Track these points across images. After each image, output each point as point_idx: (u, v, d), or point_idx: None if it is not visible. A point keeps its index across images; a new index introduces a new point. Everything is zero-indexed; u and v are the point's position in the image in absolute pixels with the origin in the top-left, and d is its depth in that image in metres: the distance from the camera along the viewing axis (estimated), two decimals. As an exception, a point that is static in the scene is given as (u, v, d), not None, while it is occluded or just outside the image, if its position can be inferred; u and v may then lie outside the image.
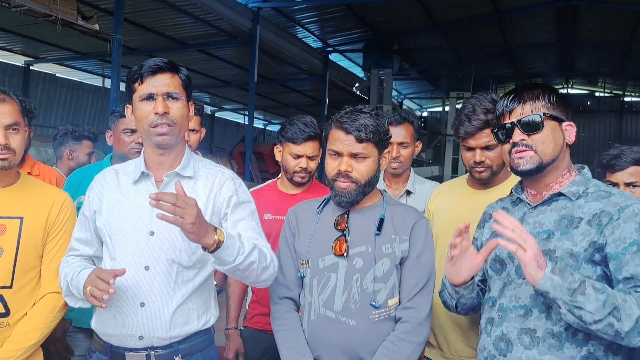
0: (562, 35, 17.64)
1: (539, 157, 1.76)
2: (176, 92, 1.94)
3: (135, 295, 1.93)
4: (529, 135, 1.77)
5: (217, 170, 2.07)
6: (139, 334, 1.92)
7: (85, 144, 4.16)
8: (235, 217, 1.99)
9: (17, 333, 2.03)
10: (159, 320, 1.92)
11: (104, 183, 2.07)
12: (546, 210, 1.79)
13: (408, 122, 3.02)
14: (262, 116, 25.44)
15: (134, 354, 1.94)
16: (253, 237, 1.93)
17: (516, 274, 1.79)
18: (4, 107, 1.99)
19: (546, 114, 1.77)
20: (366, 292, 1.97)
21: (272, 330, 2.10)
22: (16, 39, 13.57)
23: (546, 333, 1.70)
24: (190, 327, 1.97)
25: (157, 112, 1.90)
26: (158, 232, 1.94)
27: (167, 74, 1.94)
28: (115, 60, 9.21)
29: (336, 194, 2.03)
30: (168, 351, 1.94)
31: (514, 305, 1.77)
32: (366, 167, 2.00)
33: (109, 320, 1.96)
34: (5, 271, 2.02)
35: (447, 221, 2.43)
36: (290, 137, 2.72)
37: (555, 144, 1.77)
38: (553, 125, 1.78)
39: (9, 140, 1.99)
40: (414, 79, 22.03)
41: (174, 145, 1.99)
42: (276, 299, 2.12)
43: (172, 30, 13.32)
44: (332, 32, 16.52)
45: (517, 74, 22.74)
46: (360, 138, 1.96)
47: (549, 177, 1.81)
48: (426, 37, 17.10)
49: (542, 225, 1.77)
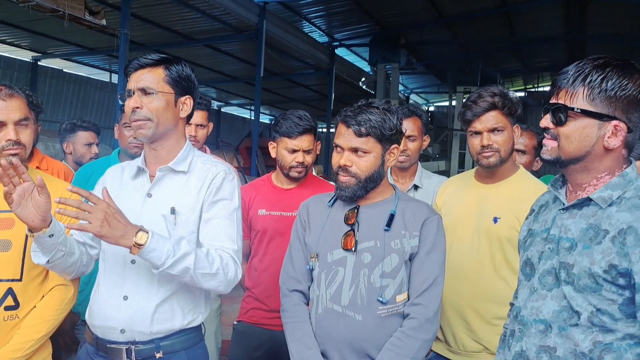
0: (570, 28, 17.50)
1: (559, 151, 1.56)
2: (151, 87, 1.94)
3: (120, 288, 1.94)
4: (555, 125, 1.57)
5: (211, 165, 2.05)
6: (120, 327, 1.92)
7: (81, 135, 4.09)
8: (209, 214, 1.97)
9: (26, 325, 2.04)
10: (141, 315, 1.91)
11: (110, 179, 2.10)
12: (576, 214, 1.56)
13: (416, 116, 3.02)
14: (269, 111, 25.43)
15: (115, 347, 1.94)
16: (216, 239, 1.93)
17: (540, 283, 1.60)
18: (12, 102, 2.00)
19: (579, 109, 1.51)
20: (374, 288, 1.96)
21: (282, 322, 2.10)
22: (24, 34, 13.63)
23: (567, 353, 1.50)
24: (174, 324, 1.95)
25: (130, 107, 1.93)
26: (147, 226, 1.90)
27: (146, 69, 1.96)
28: (123, 55, 9.22)
29: (337, 188, 2.04)
30: (149, 347, 1.93)
31: (534, 319, 1.59)
32: (366, 162, 1.98)
33: (95, 312, 1.98)
34: (15, 264, 2.03)
35: (454, 215, 2.43)
36: (285, 131, 2.68)
37: (581, 143, 1.52)
38: (586, 123, 1.51)
39: (19, 135, 2.01)
40: (421, 74, 21.93)
41: (161, 139, 1.99)
42: (286, 291, 2.13)
43: (178, 25, 13.32)
44: (339, 26, 16.47)
45: (525, 68, 22.59)
46: (359, 132, 1.95)
47: (579, 177, 1.58)
48: (433, 31, 17.01)
49: (567, 231, 1.55)
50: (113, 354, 1.94)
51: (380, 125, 1.95)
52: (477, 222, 2.37)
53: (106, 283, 1.97)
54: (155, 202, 1.97)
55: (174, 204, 1.95)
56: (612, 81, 1.48)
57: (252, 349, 2.69)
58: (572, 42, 19.05)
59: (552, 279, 1.57)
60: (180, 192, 1.98)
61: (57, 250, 1.87)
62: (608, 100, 1.49)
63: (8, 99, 1.99)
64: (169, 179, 2.00)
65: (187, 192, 1.98)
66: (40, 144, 3.40)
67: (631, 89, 1.48)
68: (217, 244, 1.94)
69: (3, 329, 2.00)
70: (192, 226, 1.97)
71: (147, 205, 1.97)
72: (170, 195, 1.98)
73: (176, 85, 1.98)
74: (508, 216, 2.28)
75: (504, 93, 2.32)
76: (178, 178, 2.00)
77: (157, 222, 1.93)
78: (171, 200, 1.96)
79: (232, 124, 24.42)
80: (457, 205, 2.49)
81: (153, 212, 1.95)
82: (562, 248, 1.55)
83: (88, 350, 2.03)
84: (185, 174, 2.01)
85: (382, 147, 2.00)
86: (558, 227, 1.59)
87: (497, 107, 2.31)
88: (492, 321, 2.31)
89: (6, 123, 1.99)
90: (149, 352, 1.93)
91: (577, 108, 1.51)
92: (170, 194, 1.98)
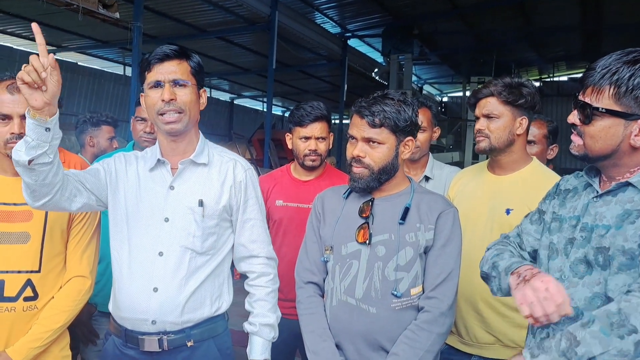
0: (586, 18, 17.29)
1: (585, 149, 1.55)
2: (183, 79, 1.94)
3: (149, 280, 1.95)
4: (582, 123, 1.54)
5: (230, 158, 2.09)
6: (151, 319, 1.95)
7: (105, 129, 4.18)
8: (245, 216, 2.06)
9: (45, 316, 2.07)
10: (172, 306, 1.94)
11: (126, 164, 2.07)
12: (611, 201, 1.54)
13: (425, 107, 3.01)
14: (281, 103, 25.44)
15: (146, 338, 1.96)
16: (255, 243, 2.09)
17: (571, 271, 1.58)
18: (20, 96, 2.00)
19: (604, 108, 1.48)
20: (388, 281, 1.96)
21: (297, 314, 2.12)
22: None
23: None
24: (203, 313, 2.00)
25: (164, 99, 1.90)
26: (172, 219, 1.97)
27: (175, 61, 1.94)
28: (136, 48, 9.27)
29: (351, 179, 2.04)
30: (180, 336, 1.97)
31: None
32: (380, 153, 1.98)
33: (123, 304, 1.99)
34: (33, 256, 2.06)
35: (467, 207, 2.42)
36: (297, 120, 2.74)
37: (606, 142, 1.51)
38: (611, 122, 1.49)
39: (24, 129, 2.01)
40: (434, 64, 21.78)
41: (186, 132, 2.00)
42: (301, 283, 2.14)
43: (191, 18, 13.36)
44: (351, 17, 16.38)
45: (540, 58, 22.36)
46: (373, 123, 1.95)
47: (611, 171, 1.57)
48: (447, 21, 16.87)
49: (602, 218, 1.53)
50: (144, 345, 1.96)
51: (395, 116, 1.94)
52: (490, 213, 2.37)
53: (133, 275, 1.98)
54: (178, 194, 1.99)
55: (200, 196, 1.98)
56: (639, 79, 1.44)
57: None
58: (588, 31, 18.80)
59: (584, 267, 1.56)
60: (204, 185, 2.00)
61: (43, 153, 1.68)
62: (635, 99, 1.45)
63: (17, 92, 2.00)
64: (190, 171, 2.02)
65: (211, 184, 2.01)
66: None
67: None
68: (257, 248, 2.10)
69: (22, 320, 2.04)
70: (217, 218, 2.01)
71: (171, 198, 1.98)
72: (194, 187, 1.99)
73: (197, 77, 1.99)
74: (521, 208, 2.27)
75: (510, 83, 2.32)
76: (199, 170, 2.02)
77: (182, 215, 1.96)
78: (196, 193, 1.98)
79: (244, 116, 24.45)
80: (469, 196, 2.48)
81: (178, 204, 1.97)
82: (597, 235, 1.52)
83: (115, 342, 2.05)
84: (206, 166, 2.03)
85: (396, 138, 1.99)
86: (591, 215, 1.57)
87: (494, 95, 2.32)
88: (504, 313, 2.30)
89: (12, 116, 2.01)
90: (180, 341, 1.97)
91: (602, 108, 1.48)
92: (194, 186, 2.00)
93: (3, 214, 2.04)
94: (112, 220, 2.05)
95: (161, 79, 1.92)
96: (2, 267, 2.01)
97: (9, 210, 2.03)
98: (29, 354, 2.02)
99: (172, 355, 1.99)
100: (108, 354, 2.07)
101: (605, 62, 1.51)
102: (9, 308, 2.01)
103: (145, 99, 1.98)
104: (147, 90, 1.95)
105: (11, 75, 2.05)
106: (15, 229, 2.04)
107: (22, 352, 2.01)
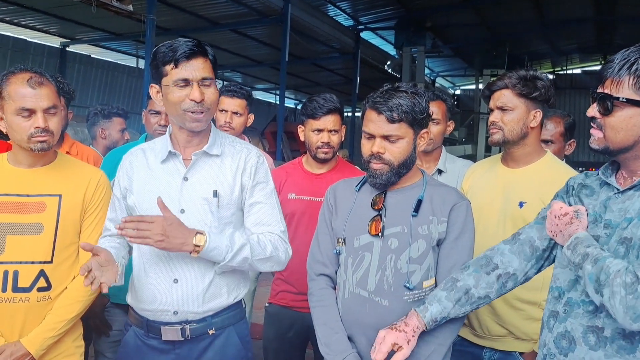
0: (600, 9, 17.10)
1: (606, 142, 1.55)
2: (210, 77, 1.95)
3: (170, 272, 1.97)
4: (602, 115, 1.55)
5: (242, 147, 2.09)
6: (173, 310, 1.97)
7: (116, 121, 4.21)
8: (252, 199, 2.05)
9: (59, 306, 2.09)
10: (192, 296, 1.97)
11: (133, 162, 2.11)
12: (634, 195, 1.54)
13: (440, 100, 2.99)
14: (294, 95, 25.43)
15: (169, 328, 1.99)
16: (263, 224, 2.04)
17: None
18: (42, 90, 2.03)
19: (625, 98, 1.49)
20: (400, 273, 1.95)
21: (309, 306, 2.12)
22: (53, 20, 13.81)
23: (616, 333, 1.50)
24: (221, 301, 2.02)
25: (194, 99, 1.90)
26: (188, 210, 1.97)
27: (201, 59, 1.93)
28: (149, 41, 9.30)
29: (370, 175, 2.01)
30: (202, 325, 1.99)
31: (583, 300, 1.58)
32: (399, 148, 1.96)
33: (144, 296, 2.02)
34: (46, 247, 2.08)
35: (480, 200, 2.41)
36: (310, 112, 2.74)
37: (628, 132, 1.51)
38: (632, 112, 1.49)
39: (48, 123, 2.04)
40: (447, 57, 21.67)
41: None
42: (313, 275, 2.14)
43: (204, 10, 13.37)
44: (364, 9, 16.33)
45: (553, 51, 22.17)
46: (392, 118, 1.92)
47: (632, 164, 1.57)
48: (460, 13, 16.76)
49: (627, 212, 1.52)
50: (167, 335, 1.99)
51: (412, 109, 1.92)
52: (503, 206, 2.35)
53: (154, 268, 2.00)
54: (192, 185, 1.99)
55: (214, 187, 1.99)
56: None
57: (283, 330, 2.78)
58: (601, 23, 18.61)
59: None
60: (218, 175, 2.01)
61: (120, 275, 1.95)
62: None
63: (38, 87, 2.02)
64: (203, 162, 2.02)
65: (224, 175, 2.02)
66: (69, 129, 3.46)
67: None
68: (265, 228, 2.04)
69: (36, 310, 2.06)
70: (233, 208, 2.02)
71: (185, 189, 1.99)
72: (208, 178, 2.00)
73: (215, 71, 2.00)
74: (534, 201, 2.25)
75: (524, 76, 2.30)
76: (212, 161, 2.03)
77: (198, 206, 1.97)
78: (210, 183, 1.99)
79: (257, 109, 24.41)
80: (483, 189, 2.47)
81: (192, 195, 1.98)
82: (621, 229, 1.52)
83: (136, 332, 2.07)
84: (219, 157, 2.04)
85: (414, 131, 1.97)
86: (614, 212, 1.57)
87: (509, 87, 2.31)
88: (517, 306, 2.29)
89: (35, 111, 2.02)
90: (201, 329, 2.00)
91: (623, 97, 1.49)
92: (207, 177, 2.00)
93: (17, 205, 2.06)
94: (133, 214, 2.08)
95: (190, 77, 1.91)
96: (16, 257, 2.03)
97: (23, 201, 2.05)
98: (43, 343, 2.04)
99: (194, 344, 2.01)
100: (129, 345, 2.09)
101: (623, 54, 1.52)
102: (23, 298, 2.03)
103: (168, 95, 1.95)
104: (171, 87, 1.93)
105: (25, 68, 2.07)
106: (29, 219, 2.06)
107: (37, 342, 2.03)
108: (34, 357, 2.03)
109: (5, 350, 1.99)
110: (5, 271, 2.02)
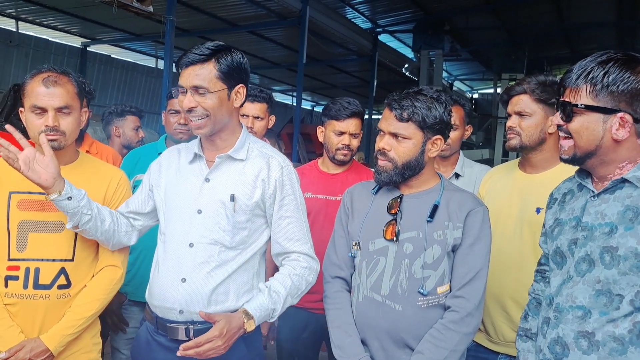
0: (622, 13, 16.91)
1: (575, 148, 1.62)
2: (203, 87, 1.92)
3: (179, 271, 1.99)
4: (564, 122, 1.62)
5: (269, 154, 2.07)
6: (179, 308, 1.98)
7: (130, 119, 4.24)
8: (281, 213, 2.04)
9: (78, 304, 2.12)
10: (198, 297, 1.97)
11: (166, 160, 2.16)
12: (609, 199, 1.59)
13: (458, 105, 2.99)
14: (310, 97, 25.45)
15: (175, 327, 2.00)
16: (291, 241, 2.04)
17: (575, 270, 1.62)
18: (55, 90, 2.04)
19: (583, 104, 1.56)
20: (414, 278, 1.95)
21: (324, 308, 2.13)
22: (74, 20, 13.98)
23: (607, 336, 1.54)
24: (228, 305, 2.00)
25: (184, 107, 1.96)
26: (205, 211, 1.99)
27: (197, 66, 1.92)
28: (168, 42, 9.35)
29: (375, 171, 2.04)
30: (207, 326, 1.96)
31: (570, 306, 1.61)
32: (405, 148, 1.96)
33: (155, 292, 2.05)
34: (67, 245, 2.12)
35: (497, 205, 2.40)
36: (333, 114, 2.75)
37: (589, 137, 1.58)
38: (590, 118, 1.56)
39: (58, 122, 2.05)
40: (465, 60, 21.57)
41: (217, 131, 2.01)
42: (328, 277, 2.14)
43: (223, 12, 13.45)
44: (382, 12, 16.31)
45: (573, 55, 21.92)
46: (400, 117, 1.93)
47: (601, 170, 1.63)
48: (478, 16, 16.67)
49: (604, 216, 1.58)
50: (172, 333, 2.00)
51: (425, 112, 1.92)
52: (520, 212, 2.35)
53: (165, 265, 2.03)
54: (213, 187, 2.01)
55: (232, 190, 1.99)
56: (613, 75, 1.53)
57: (298, 331, 2.78)
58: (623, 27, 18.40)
59: (586, 265, 1.60)
60: (238, 180, 2.01)
61: (81, 215, 1.99)
62: (611, 94, 1.53)
63: (52, 86, 2.04)
64: (227, 166, 2.03)
65: (245, 180, 2.01)
66: (89, 128, 3.51)
67: (633, 81, 1.52)
68: (295, 243, 2.05)
69: (56, 307, 2.09)
70: (249, 214, 2.01)
71: (205, 190, 2.01)
72: (228, 182, 2.01)
73: (228, 78, 1.95)
74: (551, 207, 2.25)
75: (543, 81, 2.29)
76: (235, 165, 2.03)
77: (215, 208, 1.98)
78: (229, 187, 2.00)
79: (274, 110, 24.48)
80: (500, 194, 2.46)
81: (211, 197, 2.00)
82: (602, 233, 1.57)
83: (148, 328, 2.10)
84: (242, 162, 2.04)
85: (424, 135, 1.96)
86: (591, 215, 1.62)
87: (527, 92, 2.30)
88: (533, 312, 2.29)
89: (47, 109, 2.04)
90: (205, 331, 1.97)
91: (581, 104, 1.57)
92: (227, 180, 2.01)
93: (39, 204, 2.10)
94: (158, 213, 2.13)
95: (184, 84, 1.94)
96: (38, 255, 2.07)
97: (44, 200, 2.08)
98: (62, 340, 2.08)
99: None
100: (141, 338, 2.13)
101: (580, 64, 1.60)
102: (44, 295, 2.07)
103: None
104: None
105: (48, 68, 2.10)
106: (51, 218, 2.10)
107: (56, 339, 2.06)
108: (52, 353, 2.05)
109: (25, 346, 2.02)
110: (27, 268, 2.06)
